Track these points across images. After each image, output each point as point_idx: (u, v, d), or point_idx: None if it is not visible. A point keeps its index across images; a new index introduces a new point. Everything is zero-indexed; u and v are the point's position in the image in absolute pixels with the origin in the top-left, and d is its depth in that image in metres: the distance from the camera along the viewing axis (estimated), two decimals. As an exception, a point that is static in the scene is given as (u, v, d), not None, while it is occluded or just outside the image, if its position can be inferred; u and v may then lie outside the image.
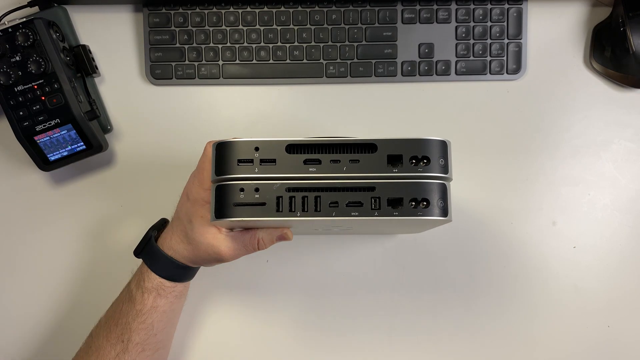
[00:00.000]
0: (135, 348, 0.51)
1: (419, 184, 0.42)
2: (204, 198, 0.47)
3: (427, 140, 0.42)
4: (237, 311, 0.63)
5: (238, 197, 0.42)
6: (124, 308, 0.52)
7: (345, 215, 0.42)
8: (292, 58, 0.64)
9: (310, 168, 0.42)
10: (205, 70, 0.64)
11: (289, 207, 0.42)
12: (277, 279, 0.63)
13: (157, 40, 0.64)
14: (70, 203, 0.64)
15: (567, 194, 0.64)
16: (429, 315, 0.63)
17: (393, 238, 0.63)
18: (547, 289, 0.63)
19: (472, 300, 0.63)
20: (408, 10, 0.63)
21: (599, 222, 0.63)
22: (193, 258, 0.50)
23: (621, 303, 0.63)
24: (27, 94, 0.56)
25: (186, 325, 0.62)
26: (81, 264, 0.63)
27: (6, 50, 0.55)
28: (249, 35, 0.63)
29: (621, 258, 0.63)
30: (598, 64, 0.63)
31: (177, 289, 0.52)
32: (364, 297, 0.63)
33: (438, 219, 0.42)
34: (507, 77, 0.64)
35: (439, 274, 0.63)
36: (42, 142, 0.58)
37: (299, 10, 0.63)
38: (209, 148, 0.47)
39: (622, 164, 0.64)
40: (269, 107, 0.65)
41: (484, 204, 0.63)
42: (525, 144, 0.64)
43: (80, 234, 0.64)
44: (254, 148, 0.42)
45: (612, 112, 0.64)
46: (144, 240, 0.52)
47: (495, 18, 0.64)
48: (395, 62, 0.64)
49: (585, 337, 0.63)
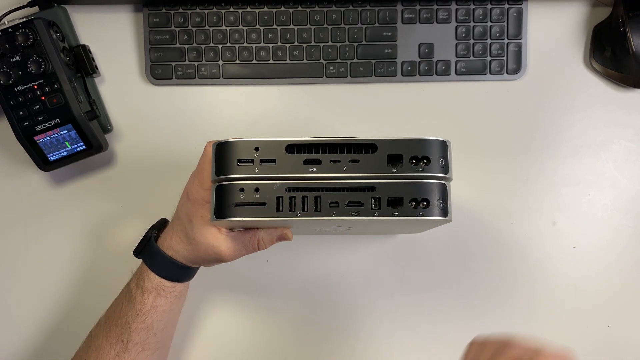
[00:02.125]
0: (135, 348, 0.51)
1: (419, 184, 0.42)
2: (204, 198, 0.47)
3: (427, 140, 0.42)
4: (237, 311, 0.63)
5: (238, 197, 0.42)
6: (123, 308, 0.52)
7: (345, 215, 0.42)
8: (292, 58, 0.64)
9: (310, 168, 0.42)
10: (205, 70, 0.64)
11: (289, 207, 0.42)
12: (277, 279, 0.63)
13: (157, 40, 0.64)
14: (70, 203, 0.64)
15: (567, 194, 0.64)
16: (429, 315, 0.63)
17: (393, 238, 0.63)
18: (547, 289, 0.63)
19: (472, 300, 0.63)
20: (408, 10, 0.63)
21: (599, 222, 0.63)
22: (193, 258, 0.50)
23: (621, 303, 0.63)
24: (27, 94, 0.56)
25: (186, 325, 0.62)
26: (81, 264, 0.63)
27: (6, 50, 0.55)
28: (249, 35, 0.63)
29: (621, 258, 0.63)
30: (598, 64, 0.63)
31: (177, 289, 0.52)
32: (364, 297, 0.63)
33: (438, 219, 0.42)
34: (507, 77, 0.64)
35: (439, 274, 0.63)
36: (42, 142, 0.58)
37: (299, 10, 0.63)
38: (209, 148, 0.47)
39: (622, 164, 0.64)
40: (269, 107, 0.65)
41: (484, 204, 0.63)
42: (525, 144, 0.64)
43: (80, 234, 0.64)
44: (254, 148, 0.42)
45: (612, 112, 0.64)
46: (143, 240, 0.52)
47: (495, 18, 0.64)
48: (395, 62, 0.64)
49: (585, 337, 0.63)
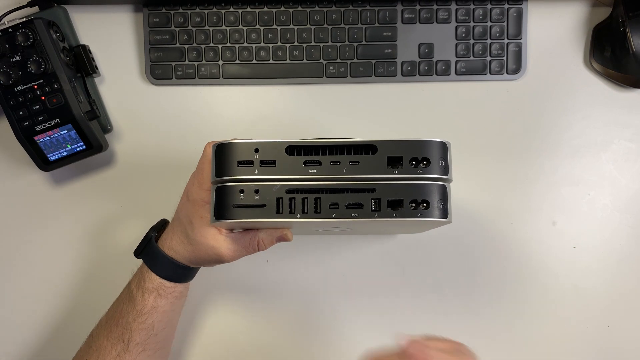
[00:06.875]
0: (136, 348, 0.51)
1: (419, 186, 0.42)
2: (204, 199, 0.47)
3: (427, 141, 0.42)
4: (237, 311, 0.63)
5: (238, 199, 0.42)
6: (124, 308, 0.52)
7: (345, 216, 0.42)
8: (292, 58, 0.64)
9: (310, 169, 0.42)
10: (205, 70, 0.64)
11: (289, 209, 0.42)
12: (277, 279, 0.63)
13: (157, 40, 0.64)
14: (70, 203, 0.64)
15: (567, 194, 0.64)
16: (429, 315, 0.63)
17: (393, 238, 0.63)
18: (547, 288, 0.63)
19: (472, 300, 0.63)
20: (408, 10, 0.63)
21: (599, 222, 0.63)
22: (193, 259, 0.50)
23: (621, 303, 0.63)
24: (27, 94, 0.56)
25: (186, 325, 0.62)
26: (81, 264, 0.64)
27: (6, 50, 0.55)
28: (249, 35, 0.63)
29: (621, 258, 0.63)
30: (598, 64, 0.63)
31: (178, 289, 0.52)
32: (364, 297, 0.63)
33: (438, 221, 0.42)
34: (507, 77, 0.64)
35: (439, 274, 0.63)
36: (42, 142, 0.58)
37: (299, 10, 0.63)
38: (209, 149, 0.47)
39: (622, 164, 0.64)
40: (269, 107, 0.65)
41: (484, 204, 0.63)
42: (525, 144, 0.64)
43: (80, 234, 0.64)
44: (254, 149, 0.42)
45: (612, 112, 0.64)
46: (144, 241, 0.52)
47: (495, 18, 0.63)
48: (395, 62, 0.64)
49: (585, 337, 0.63)
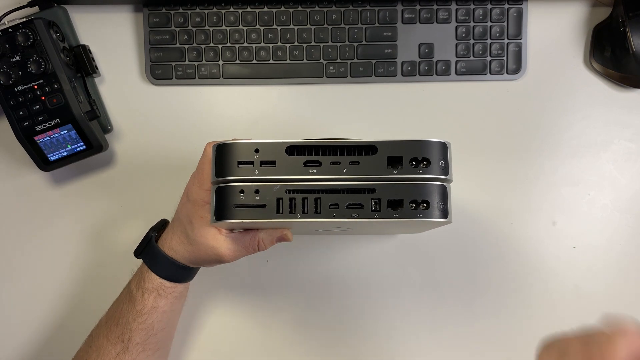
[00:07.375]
0: (136, 348, 0.51)
1: (419, 186, 0.42)
2: (204, 199, 0.47)
3: (428, 142, 0.42)
4: (237, 311, 0.63)
5: (238, 199, 0.42)
6: (124, 308, 0.52)
7: (345, 217, 0.42)
8: (292, 58, 0.64)
9: (310, 170, 0.42)
10: (205, 70, 0.64)
11: (289, 209, 0.42)
12: (277, 279, 0.64)
13: (157, 40, 0.64)
14: (70, 203, 0.64)
15: (567, 194, 0.64)
16: (429, 315, 0.63)
17: (393, 238, 0.63)
18: (547, 289, 0.63)
19: (472, 300, 0.63)
20: (408, 10, 0.63)
21: (599, 222, 0.63)
22: (193, 259, 0.50)
23: (621, 303, 0.63)
24: (27, 94, 0.56)
25: (186, 325, 0.63)
26: (81, 264, 0.64)
27: (6, 50, 0.55)
28: (249, 35, 0.63)
29: (621, 258, 0.63)
30: (598, 64, 0.63)
31: (178, 289, 0.52)
32: (364, 297, 0.63)
33: (438, 221, 0.42)
34: (507, 77, 0.64)
35: (439, 274, 0.63)
36: (42, 142, 0.58)
37: (299, 10, 0.63)
38: (209, 149, 0.47)
39: (622, 164, 0.64)
40: (269, 107, 0.65)
41: (484, 204, 0.63)
42: (525, 144, 0.64)
43: (80, 234, 0.64)
44: (254, 150, 0.42)
45: (612, 112, 0.64)
46: (144, 241, 0.52)
47: (495, 18, 0.63)
48: (395, 62, 0.64)
49: (585, 337, 0.63)
